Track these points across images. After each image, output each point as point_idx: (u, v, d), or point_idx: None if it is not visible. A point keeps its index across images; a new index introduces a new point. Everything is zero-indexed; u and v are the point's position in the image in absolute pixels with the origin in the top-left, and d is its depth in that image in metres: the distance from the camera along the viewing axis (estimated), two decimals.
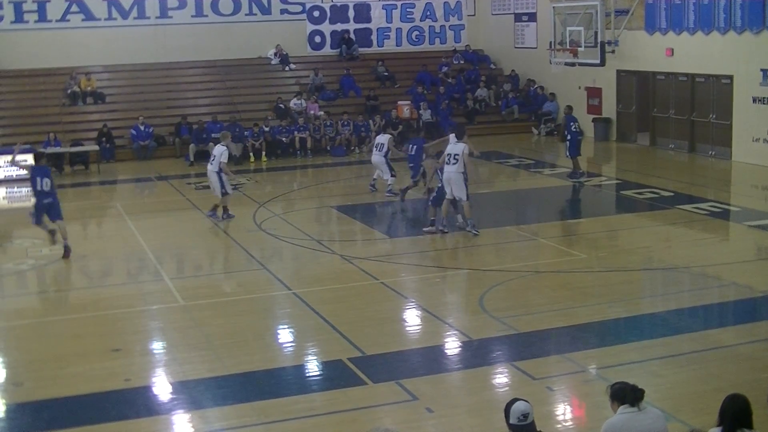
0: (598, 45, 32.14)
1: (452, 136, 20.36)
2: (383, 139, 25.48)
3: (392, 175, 24.97)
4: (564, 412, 11.42)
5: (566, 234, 20.73)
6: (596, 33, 32.18)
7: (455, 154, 19.85)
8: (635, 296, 16.02)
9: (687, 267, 17.51)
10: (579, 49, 32.77)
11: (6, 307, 16.59)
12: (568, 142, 26.89)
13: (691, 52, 30.12)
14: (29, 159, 29.89)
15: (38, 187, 19.32)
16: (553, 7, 34.23)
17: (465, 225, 20.35)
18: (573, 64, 33.65)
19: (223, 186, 22.31)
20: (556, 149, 34.00)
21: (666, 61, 31.32)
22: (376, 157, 25.39)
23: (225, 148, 22.71)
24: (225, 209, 22.65)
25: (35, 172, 19.50)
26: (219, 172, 22.25)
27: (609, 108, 34.59)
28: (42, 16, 36.24)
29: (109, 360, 13.44)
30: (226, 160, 22.41)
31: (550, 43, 34.58)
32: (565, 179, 26.87)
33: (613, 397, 8.03)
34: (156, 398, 12.22)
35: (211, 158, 22.77)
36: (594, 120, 34.87)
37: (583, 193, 25.86)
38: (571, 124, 27.01)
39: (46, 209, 19.43)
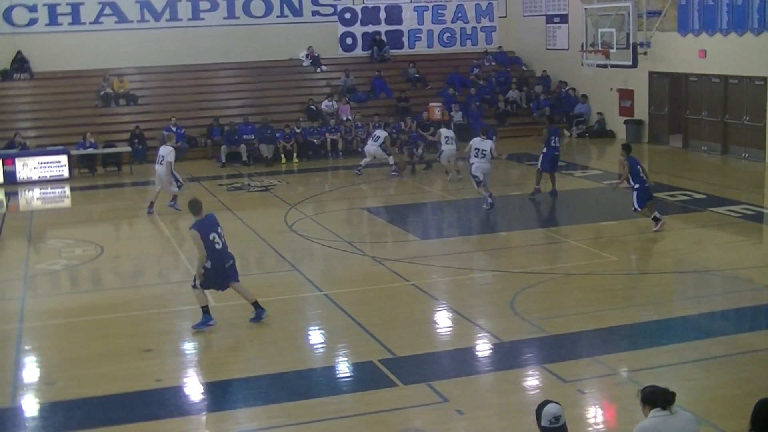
0: (630, 46, 32.04)
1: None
2: (381, 133, 29.46)
3: (389, 155, 29.12)
4: (595, 415, 11.37)
5: (597, 236, 20.62)
6: (628, 34, 32.07)
7: (483, 149, 22.96)
8: (666, 299, 15.95)
9: (719, 270, 17.40)
10: (611, 50, 32.67)
11: (39, 307, 16.71)
12: (541, 155, 24.83)
13: (724, 54, 29.91)
14: (63, 160, 30.34)
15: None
16: (585, 8, 34.13)
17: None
18: (605, 66, 33.55)
19: (176, 180, 23.82)
20: (588, 151, 33.95)
21: (699, 63, 31.13)
22: (372, 147, 29.08)
23: (172, 149, 24.21)
24: (174, 198, 23.98)
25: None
26: (170, 172, 23.76)
27: (641, 110, 34.45)
28: (75, 19, 36.50)
29: (141, 360, 13.53)
30: (173, 160, 23.90)
31: (582, 44, 34.50)
32: (598, 182, 26.76)
33: (644, 400, 8.00)
34: (187, 398, 12.28)
35: (159, 158, 24.02)
36: (626, 122, 34.74)
37: (614, 196, 25.68)
38: (553, 137, 25.02)
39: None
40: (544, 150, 24.65)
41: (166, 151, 23.86)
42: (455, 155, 27.14)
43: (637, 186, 20.26)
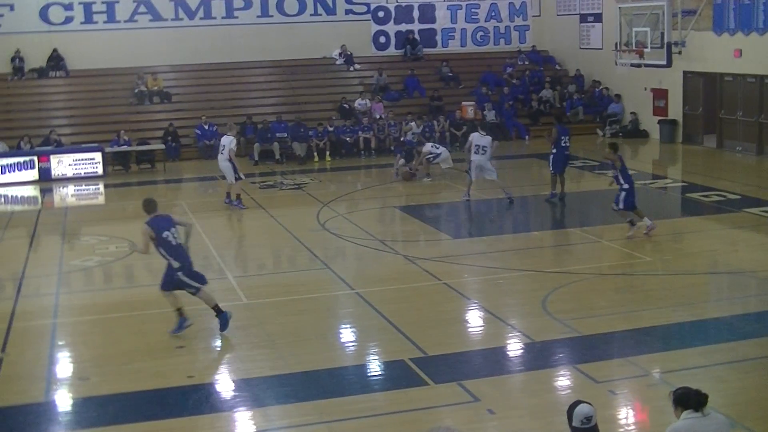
0: (665, 46, 31.86)
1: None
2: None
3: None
4: (627, 416, 11.32)
5: (631, 236, 20.49)
6: (663, 34, 31.89)
7: (483, 146, 23.52)
8: (700, 300, 15.84)
9: (753, 271, 17.27)
10: (645, 50, 32.51)
11: (73, 303, 16.81)
12: (551, 156, 24.20)
13: (760, 53, 29.65)
14: (97, 158, 30.58)
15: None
16: (619, 7, 33.98)
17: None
18: (639, 65, 33.38)
19: (236, 171, 24.09)
20: (621, 151, 33.64)
21: (734, 63, 30.90)
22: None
23: (233, 138, 24.59)
24: (238, 196, 24.43)
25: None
26: (230, 160, 24.03)
27: (675, 110, 34.22)
28: (111, 17, 36.75)
29: (173, 357, 13.60)
30: (234, 148, 24.39)
31: (616, 44, 34.34)
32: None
33: (677, 402, 7.95)
34: (218, 395, 12.35)
35: (221, 148, 24.36)
36: (660, 122, 34.54)
37: (648, 196, 25.57)
38: (563, 137, 24.13)
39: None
40: (554, 151, 24.07)
41: (227, 141, 24.24)
42: (449, 158, 28.02)
43: (626, 186, 19.84)
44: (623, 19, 33.71)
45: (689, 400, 7.87)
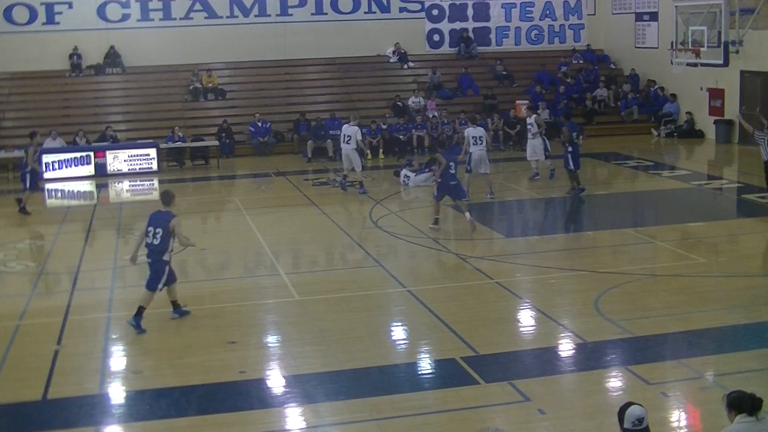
0: (722, 45, 31.51)
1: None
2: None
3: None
4: (679, 418, 11.22)
5: (685, 237, 20.32)
6: (720, 33, 31.56)
7: (480, 136, 24.07)
8: (756, 302, 15.60)
9: None
10: (701, 49, 32.16)
11: (127, 297, 16.94)
12: (569, 155, 24.36)
13: None
14: (152, 153, 30.87)
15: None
16: (676, 6, 33.66)
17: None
18: (695, 65, 33.03)
19: (362, 161, 25.17)
20: (677, 151, 33.46)
21: None
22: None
23: (358, 128, 25.33)
24: (361, 184, 25.51)
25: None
26: (357, 149, 25.00)
27: (732, 109, 33.78)
28: (167, 15, 37.08)
29: (225, 352, 13.68)
30: (361, 138, 25.32)
31: (672, 43, 34.02)
32: (686, 182, 26.38)
33: (730, 405, 7.86)
34: (270, 391, 12.40)
35: (346, 138, 25.06)
36: (716, 122, 34.15)
37: (703, 197, 25.35)
38: (574, 133, 24.58)
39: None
40: (570, 149, 24.18)
41: (353, 131, 25.04)
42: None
43: (440, 180, 20.97)
44: (680, 17, 33.40)
45: (743, 403, 7.78)
